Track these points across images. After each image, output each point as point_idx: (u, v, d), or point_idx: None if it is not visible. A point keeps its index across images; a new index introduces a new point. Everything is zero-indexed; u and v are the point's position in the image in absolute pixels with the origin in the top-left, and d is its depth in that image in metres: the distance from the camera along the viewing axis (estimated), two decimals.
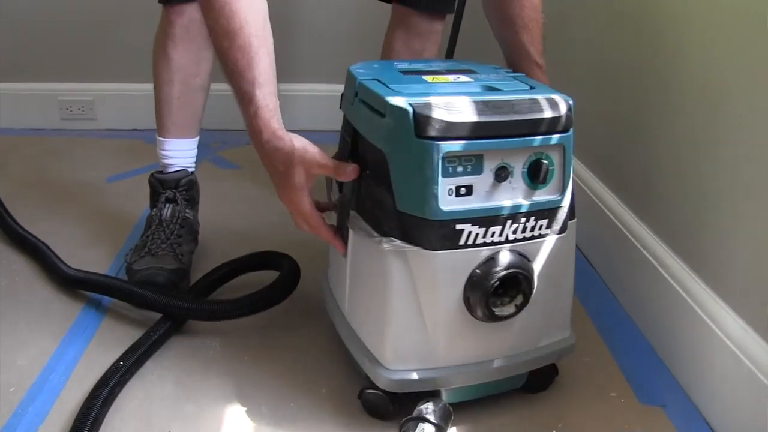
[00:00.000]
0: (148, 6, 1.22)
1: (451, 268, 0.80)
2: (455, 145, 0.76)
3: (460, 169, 0.78)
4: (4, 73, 2.06)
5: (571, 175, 0.84)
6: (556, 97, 0.82)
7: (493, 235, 0.80)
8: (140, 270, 1.14)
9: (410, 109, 0.76)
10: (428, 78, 0.89)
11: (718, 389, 0.90)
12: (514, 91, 0.84)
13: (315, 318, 1.09)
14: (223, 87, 1.32)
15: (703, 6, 0.98)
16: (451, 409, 0.86)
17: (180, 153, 1.28)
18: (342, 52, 2.02)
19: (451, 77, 0.90)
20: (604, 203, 1.30)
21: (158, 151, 1.28)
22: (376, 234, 0.81)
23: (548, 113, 0.80)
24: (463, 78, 0.90)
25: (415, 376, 0.84)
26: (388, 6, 1.31)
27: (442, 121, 0.76)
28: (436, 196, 0.77)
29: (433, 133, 0.76)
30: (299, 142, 0.83)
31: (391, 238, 0.80)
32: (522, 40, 1.01)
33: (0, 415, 0.88)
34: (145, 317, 1.08)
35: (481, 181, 0.79)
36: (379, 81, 0.85)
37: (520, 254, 0.82)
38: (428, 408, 0.83)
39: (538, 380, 0.94)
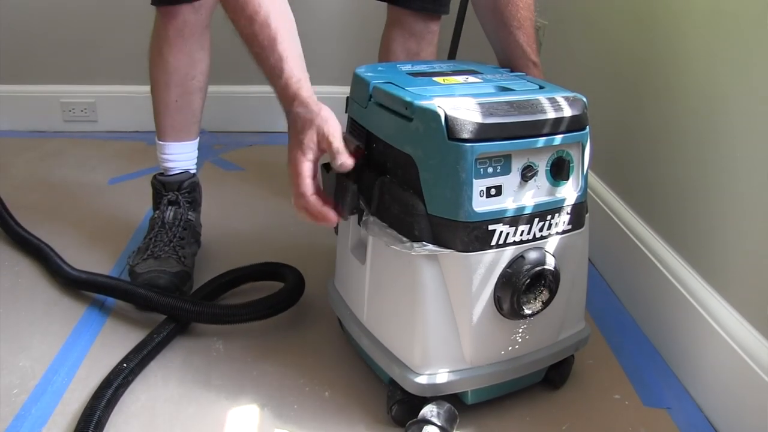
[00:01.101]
0: (149, 8, 1.22)
1: (482, 268, 0.81)
2: (487, 146, 0.77)
3: (490, 170, 0.78)
4: (7, 76, 2.06)
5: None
6: (573, 95, 0.84)
7: (522, 233, 0.81)
8: (143, 273, 1.14)
9: (441, 112, 0.76)
10: (439, 79, 0.89)
11: (723, 392, 0.90)
12: (528, 91, 0.85)
13: (318, 320, 1.09)
14: (225, 89, 1.34)
15: (708, 11, 0.98)
16: (456, 412, 0.85)
17: (181, 156, 1.27)
18: (338, 54, 2.04)
19: (460, 78, 0.90)
20: (608, 206, 1.30)
21: (158, 155, 1.28)
22: (405, 239, 0.81)
23: (569, 112, 0.81)
24: (472, 79, 0.90)
25: (444, 378, 0.84)
26: (383, 5, 1.32)
27: (474, 122, 0.76)
28: (470, 198, 0.77)
29: (465, 135, 0.76)
30: (326, 112, 0.83)
31: (423, 242, 0.79)
32: (518, 40, 1.01)
33: (3, 417, 0.88)
34: (149, 319, 1.08)
35: (510, 181, 0.80)
36: (394, 84, 0.85)
37: (546, 251, 0.83)
38: (433, 411, 0.83)
39: (556, 374, 0.96)
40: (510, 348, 0.87)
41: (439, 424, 0.82)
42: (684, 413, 0.93)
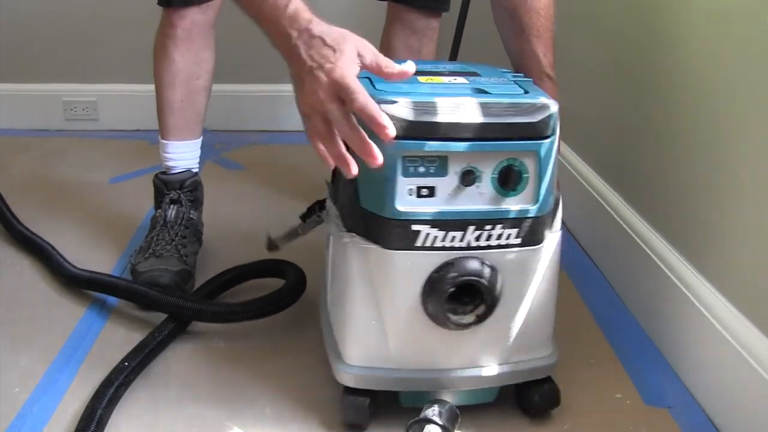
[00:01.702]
0: (152, 7, 1.22)
1: (407, 269, 0.79)
2: (416, 145, 0.75)
3: (422, 169, 0.76)
4: (8, 74, 2.06)
5: (553, 184, 0.81)
6: (540, 102, 0.78)
7: (453, 239, 0.78)
8: (145, 271, 1.14)
9: None
10: (422, 78, 0.86)
11: (725, 391, 0.90)
12: (501, 95, 0.80)
13: (319, 320, 1.09)
14: (226, 88, 1.34)
15: (711, 8, 0.98)
16: (458, 411, 0.85)
17: (184, 155, 1.28)
18: None
19: (447, 78, 0.87)
20: (609, 204, 1.30)
21: (161, 153, 1.28)
22: (342, 228, 0.82)
23: (521, 118, 0.76)
24: (460, 80, 0.87)
25: (370, 374, 0.84)
26: (380, 5, 1.32)
27: (403, 119, 0.74)
28: (394, 196, 0.76)
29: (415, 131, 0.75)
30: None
31: (353, 234, 0.80)
32: (535, 50, 0.97)
33: (4, 415, 0.88)
34: (150, 318, 1.08)
35: (445, 184, 0.77)
36: (369, 79, 0.82)
37: (484, 263, 0.79)
38: (435, 410, 0.83)
39: (528, 399, 0.89)
40: (445, 358, 0.85)
41: (441, 423, 0.82)
42: (685, 412, 0.93)
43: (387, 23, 1.32)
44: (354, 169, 0.73)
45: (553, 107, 0.79)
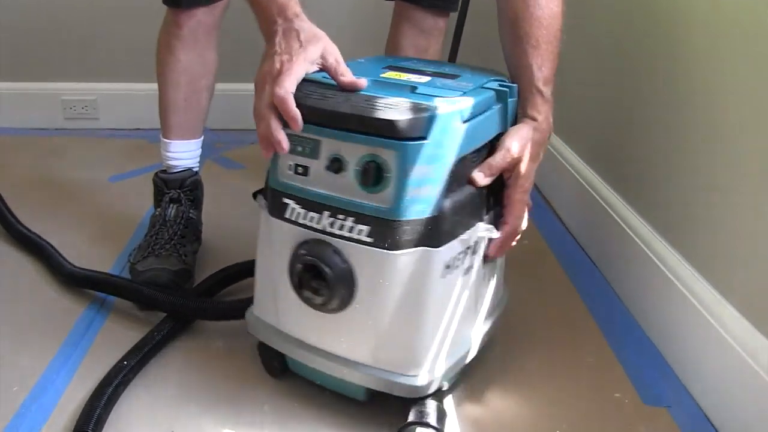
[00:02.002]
0: (151, 6, 1.22)
1: (280, 237, 0.85)
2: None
3: (300, 148, 0.81)
4: (8, 73, 2.06)
5: (434, 193, 0.77)
6: (423, 104, 0.77)
7: (311, 219, 0.81)
8: (144, 270, 1.14)
9: None
10: (385, 74, 0.90)
11: (723, 391, 0.90)
12: (421, 95, 0.80)
13: None
14: (227, 87, 1.34)
15: (708, 5, 0.98)
16: (445, 410, 0.86)
17: (185, 154, 1.28)
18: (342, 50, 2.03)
19: (412, 76, 0.90)
20: (607, 203, 1.30)
21: (162, 152, 1.28)
22: (260, 194, 0.90)
23: (384, 114, 0.75)
24: (424, 78, 0.89)
25: (263, 327, 0.92)
26: (386, 3, 1.31)
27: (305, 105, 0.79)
28: (275, 168, 0.84)
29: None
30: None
31: (262, 196, 0.89)
32: (530, 61, 0.90)
33: (3, 414, 0.88)
34: (149, 317, 1.08)
35: (316, 166, 0.81)
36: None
37: (337, 251, 0.80)
38: (423, 411, 0.83)
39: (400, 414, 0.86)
40: (315, 336, 0.87)
41: (433, 424, 0.82)
42: (684, 412, 0.93)
43: (394, 22, 1.32)
44: (267, 153, 0.81)
45: (437, 112, 0.75)
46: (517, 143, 0.86)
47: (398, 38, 1.30)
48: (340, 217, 0.79)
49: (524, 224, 0.93)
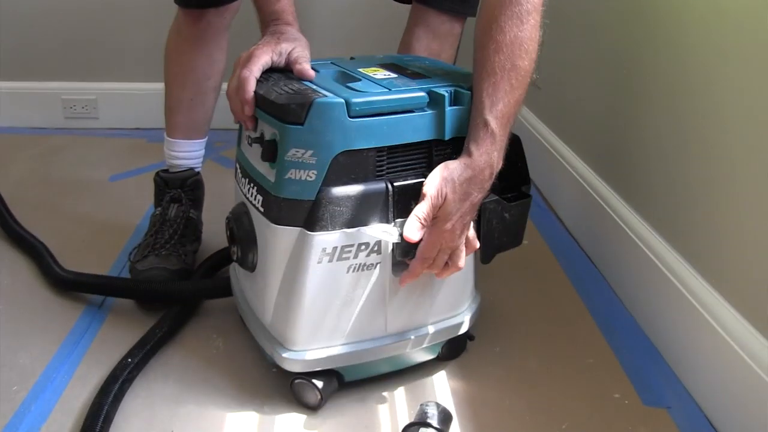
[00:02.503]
0: (152, 6, 1.22)
1: (238, 196, 0.96)
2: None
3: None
4: (8, 72, 2.06)
5: (311, 178, 0.81)
6: (309, 94, 0.81)
7: (242, 183, 0.93)
8: (144, 270, 1.14)
9: None
10: (364, 69, 0.94)
11: (723, 392, 0.90)
12: (358, 91, 0.84)
13: None
14: (226, 86, 1.33)
15: (711, 8, 0.98)
16: (450, 412, 0.86)
17: (188, 154, 1.27)
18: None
19: (383, 72, 0.94)
20: (607, 203, 1.30)
21: (166, 151, 1.28)
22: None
23: (277, 99, 0.82)
24: (389, 74, 0.93)
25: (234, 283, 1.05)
26: (397, 5, 1.31)
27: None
28: (240, 139, 0.96)
29: None
30: (305, 41, 0.94)
31: None
32: (480, 87, 0.82)
33: (2, 413, 0.88)
34: (149, 315, 1.08)
35: (254, 142, 0.88)
36: (335, 62, 0.99)
37: (247, 213, 0.90)
38: (427, 412, 0.83)
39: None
40: (247, 292, 0.98)
41: (435, 425, 0.82)
42: (684, 413, 0.93)
43: (409, 25, 1.29)
44: (246, 124, 0.90)
45: (316, 102, 0.79)
46: (433, 186, 0.81)
47: (411, 42, 1.27)
48: (251, 185, 0.89)
49: (461, 263, 0.87)
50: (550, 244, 1.42)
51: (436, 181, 0.82)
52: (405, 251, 0.86)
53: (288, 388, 0.93)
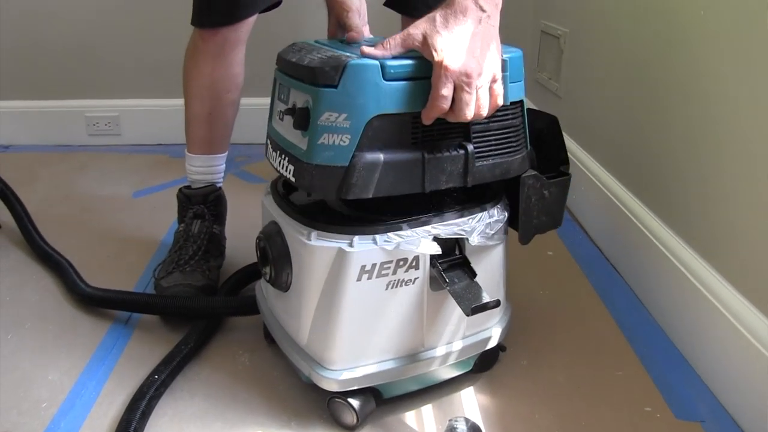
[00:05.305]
0: (171, 24, 1.23)
1: (265, 216, 0.97)
2: (277, 74, 0.92)
3: (282, 96, 0.90)
4: (32, 91, 2.10)
5: (345, 143, 0.79)
6: (342, 56, 0.80)
7: (274, 159, 0.90)
8: (169, 286, 1.14)
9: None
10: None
11: (759, 404, 0.88)
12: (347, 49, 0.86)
13: None
14: (248, 101, 1.34)
15: (725, 13, 0.97)
16: (480, 427, 0.85)
17: (210, 169, 1.28)
18: None
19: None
20: (633, 214, 1.28)
21: (187, 166, 1.29)
22: None
23: (310, 63, 0.80)
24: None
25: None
26: (392, 13, 1.31)
27: (279, 56, 0.91)
28: (271, 115, 0.94)
29: (276, 65, 0.92)
30: None
31: None
32: None
33: (33, 430, 0.88)
34: (174, 331, 1.08)
35: (286, 114, 0.87)
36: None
37: (281, 235, 0.90)
38: (458, 427, 0.83)
39: None
40: (275, 309, 0.98)
41: None
42: (718, 427, 0.91)
43: None
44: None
45: (350, 63, 0.77)
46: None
47: None
48: (282, 156, 0.87)
49: (469, 113, 0.79)
50: (574, 254, 1.40)
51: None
52: None
53: (317, 404, 0.92)
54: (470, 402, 0.95)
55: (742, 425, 0.91)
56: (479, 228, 0.87)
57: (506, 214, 0.92)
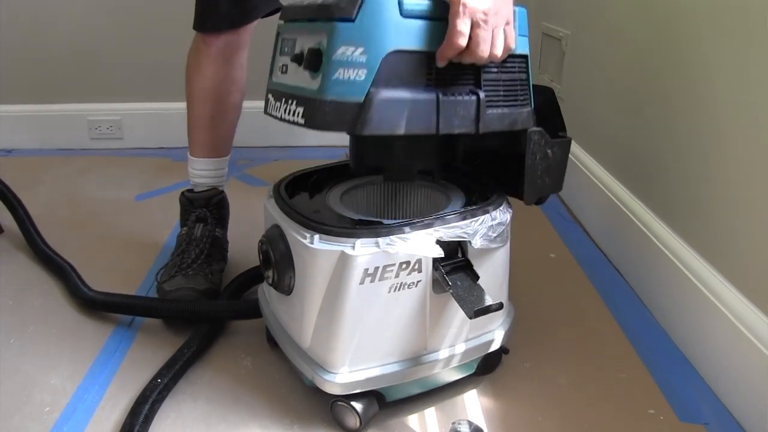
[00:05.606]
0: (173, 27, 1.23)
1: (268, 220, 0.96)
2: (282, 27, 0.89)
3: (286, 49, 0.87)
4: (34, 95, 2.10)
5: (361, 77, 0.77)
6: None
7: (276, 109, 0.86)
8: (171, 290, 1.14)
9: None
10: None
11: (761, 406, 0.88)
12: None
13: None
14: (251, 104, 1.34)
15: (730, 15, 0.97)
16: (483, 430, 0.85)
17: (212, 172, 1.28)
18: None
19: None
20: (636, 216, 1.28)
21: (189, 170, 1.29)
22: None
23: (329, 1, 0.78)
24: None
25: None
26: None
27: (284, 8, 0.89)
28: (272, 70, 0.90)
29: (282, 16, 0.90)
30: None
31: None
32: None
33: None
34: (178, 335, 1.08)
35: (293, 63, 0.84)
36: None
37: (283, 238, 0.90)
38: (461, 430, 0.83)
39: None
40: (278, 312, 0.97)
41: None
42: (722, 429, 0.91)
43: None
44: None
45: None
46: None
47: None
48: (289, 101, 0.83)
49: (485, 50, 0.80)
50: (577, 256, 1.40)
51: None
52: None
53: (320, 407, 0.92)
54: (473, 405, 0.95)
55: (746, 427, 0.90)
56: (482, 231, 0.87)
57: (509, 216, 0.92)
